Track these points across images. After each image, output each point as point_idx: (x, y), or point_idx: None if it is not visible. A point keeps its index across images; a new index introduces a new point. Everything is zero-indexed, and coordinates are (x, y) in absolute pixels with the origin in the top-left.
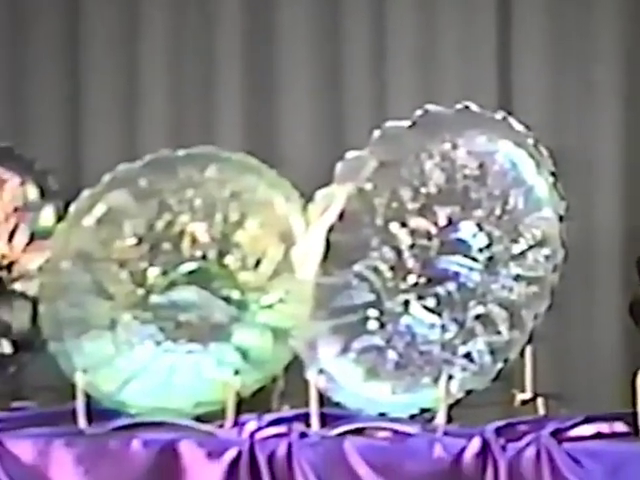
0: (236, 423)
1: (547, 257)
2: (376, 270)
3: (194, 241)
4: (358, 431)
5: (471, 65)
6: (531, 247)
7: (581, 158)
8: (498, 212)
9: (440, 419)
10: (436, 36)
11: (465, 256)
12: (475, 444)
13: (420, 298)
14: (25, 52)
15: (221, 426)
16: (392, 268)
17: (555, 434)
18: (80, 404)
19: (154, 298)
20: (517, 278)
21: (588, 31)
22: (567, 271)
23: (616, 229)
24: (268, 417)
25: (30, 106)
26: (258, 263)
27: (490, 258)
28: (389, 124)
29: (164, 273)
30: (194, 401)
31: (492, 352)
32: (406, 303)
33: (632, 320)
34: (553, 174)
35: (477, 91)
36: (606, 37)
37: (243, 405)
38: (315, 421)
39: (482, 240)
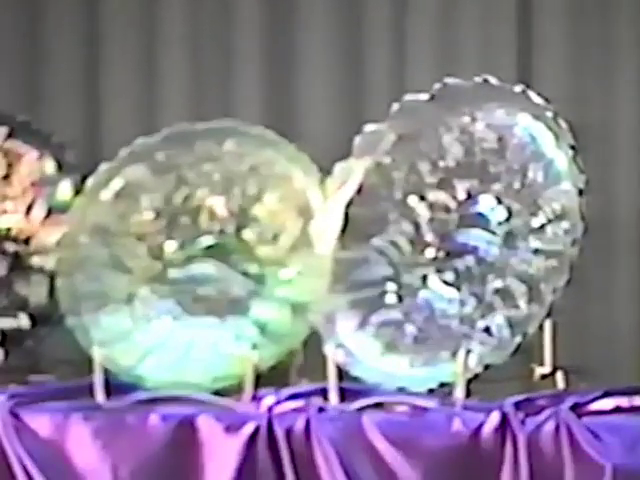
0: (254, 397)
1: (566, 231)
2: (394, 244)
3: (212, 215)
4: (376, 405)
5: (491, 38)
6: (550, 221)
7: (600, 131)
8: (517, 185)
9: (459, 393)
10: (456, 9)
11: (484, 230)
12: (494, 418)
13: (439, 272)
14: (43, 26)
15: (239, 400)
16: (411, 242)
17: (574, 408)
18: (98, 378)
19: (172, 272)
20: (536, 252)
21: (609, 3)
22: (586, 245)
23: (635, 203)
24: (286, 391)
25: (48, 80)
26: (276, 237)
27: (509, 232)
28: (408, 97)
29: (182, 247)
30: (212, 375)
31: (511, 326)
32: (424, 277)
33: None
34: (572, 147)
35: (496, 64)
36: (627, 8)
37: (261, 379)
38: (333, 395)
39: (501, 214)
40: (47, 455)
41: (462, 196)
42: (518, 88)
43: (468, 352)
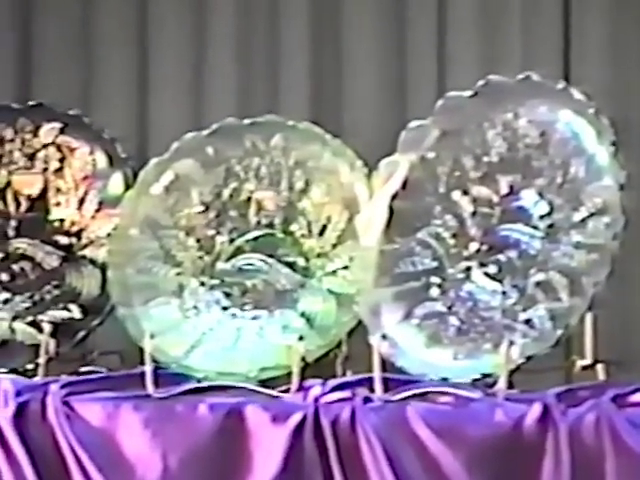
0: (301, 388)
1: (607, 225)
2: (438, 237)
3: (260, 208)
4: (420, 396)
5: (533, 34)
6: (592, 215)
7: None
8: (559, 180)
9: (501, 384)
10: (499, 6)
11: (526, 224)
12: (536, 409)
13: (482, 265)
14: (95, 23)
15: (286, 391)
16: (454, 235)
17: (615, 400)
18: (148, 368)
19: (221, 265)
20: (577, 246)
21: None
22: (627, 239)
23: None
24: (332, 382)
25: (99, 75)
26: (323, 230)
27: (551, 226)
28: (451, 94)
29: (231, 240)
30: (259, 366)
31: (552, 318)
32: (468, 270)
33: None
34: (614, 143)
35: (539, 60)
36: None
37: (308, 370)
38: (378, 386)
39: (543, 208)
40: (98, 443)
41: (505, 191)
42: (560, 84)
43: (510, 344)
